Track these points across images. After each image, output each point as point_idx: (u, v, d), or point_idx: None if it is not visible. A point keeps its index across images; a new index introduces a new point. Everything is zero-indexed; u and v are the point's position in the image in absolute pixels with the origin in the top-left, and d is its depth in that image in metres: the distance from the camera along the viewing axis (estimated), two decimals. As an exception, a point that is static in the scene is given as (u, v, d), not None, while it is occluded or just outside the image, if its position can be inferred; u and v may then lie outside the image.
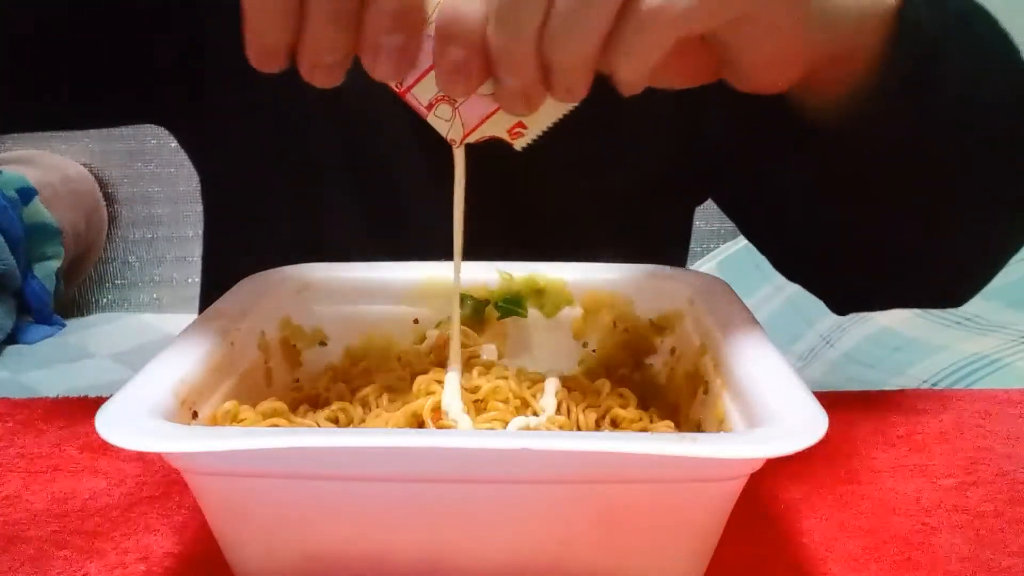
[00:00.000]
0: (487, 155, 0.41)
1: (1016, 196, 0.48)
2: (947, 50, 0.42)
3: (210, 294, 0.72)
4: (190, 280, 1.67)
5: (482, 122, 0.38)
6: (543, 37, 0.33)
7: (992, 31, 0.46)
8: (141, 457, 0.47)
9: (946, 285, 0.54)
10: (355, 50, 0.35)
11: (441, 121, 0.39)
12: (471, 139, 0.39)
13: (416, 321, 0.48)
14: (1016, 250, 0.52)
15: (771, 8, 0.35)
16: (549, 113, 0.38)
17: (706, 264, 1.51)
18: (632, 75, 0.34)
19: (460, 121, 0.39)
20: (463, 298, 0.48)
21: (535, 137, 0.39)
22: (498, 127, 0.39)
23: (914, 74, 0.41)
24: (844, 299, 0.57)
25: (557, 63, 0.34)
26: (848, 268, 0.54)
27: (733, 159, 0.58)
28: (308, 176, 0.63)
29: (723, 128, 0.51)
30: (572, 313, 0.48)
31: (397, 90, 0.38)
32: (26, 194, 1.48)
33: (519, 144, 0.39)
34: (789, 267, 0.57)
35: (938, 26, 0.42)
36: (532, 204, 0.61)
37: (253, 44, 0.34)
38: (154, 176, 1.65)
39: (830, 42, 0.38)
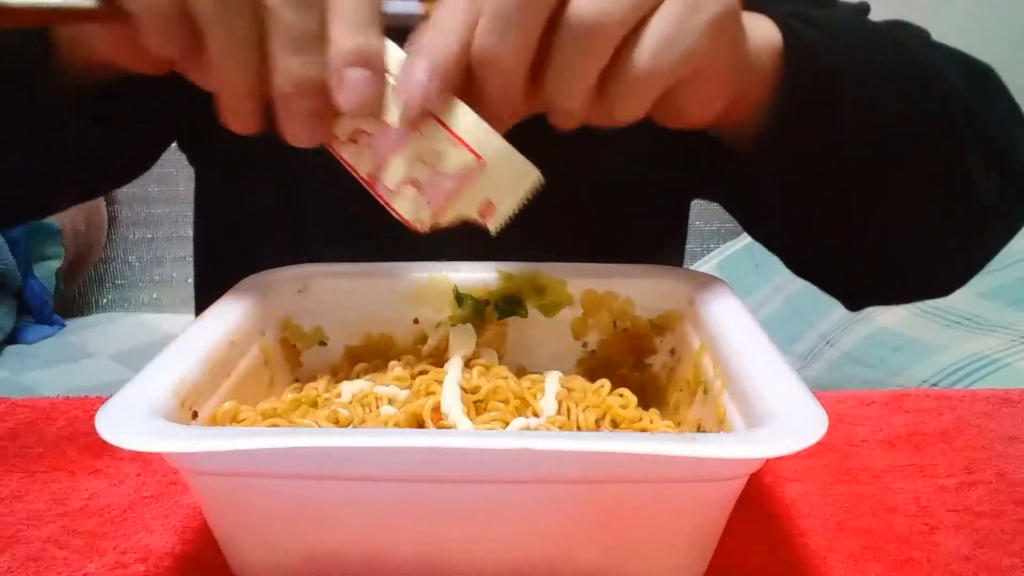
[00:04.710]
0: None
1: (957, 195, 0.49)
2: (843, 72, 0.45)
3: (203, 294, 0.72)
4: (190, 280, 1.64)
5: (449, 201, 0.38)
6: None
7: (893, 46, 0.49)
8: (141, 457, 0.46)
9: (922, 280, 0.56)
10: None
11: (407, 204, 0.39)
12: (441, 221, 0.39)
13: (416, 321, 0.48)
14: (989, 242, 0.54)
15: (720, 60, 0.38)
16: (516, 189, 0.38)
17: (706, 264, 1.51)
18: (626, 120, 0.38)
19: (426, 202, 0.38)
20: (463, 298, 0.48)
21: (508, 215, 0.39)
22: (468, 206, 0.38)
23: (805, 102, 0.43)
24: (849, 296, 0.58)
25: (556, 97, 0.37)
26: (840, 268, 0.54)
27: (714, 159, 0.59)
28: (294, 183, 0.63)
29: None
30: (572, 313, 0.48)
31: (364, 180, 0.39)
32: (26, 194, 1.48)
33: (493, 225, 0.39)
34: (795, 266, 0.58)
35: (831, 51, 0.44)
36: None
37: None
38: (154, 176, 1.65)
39: (743, 80, 0.41)
